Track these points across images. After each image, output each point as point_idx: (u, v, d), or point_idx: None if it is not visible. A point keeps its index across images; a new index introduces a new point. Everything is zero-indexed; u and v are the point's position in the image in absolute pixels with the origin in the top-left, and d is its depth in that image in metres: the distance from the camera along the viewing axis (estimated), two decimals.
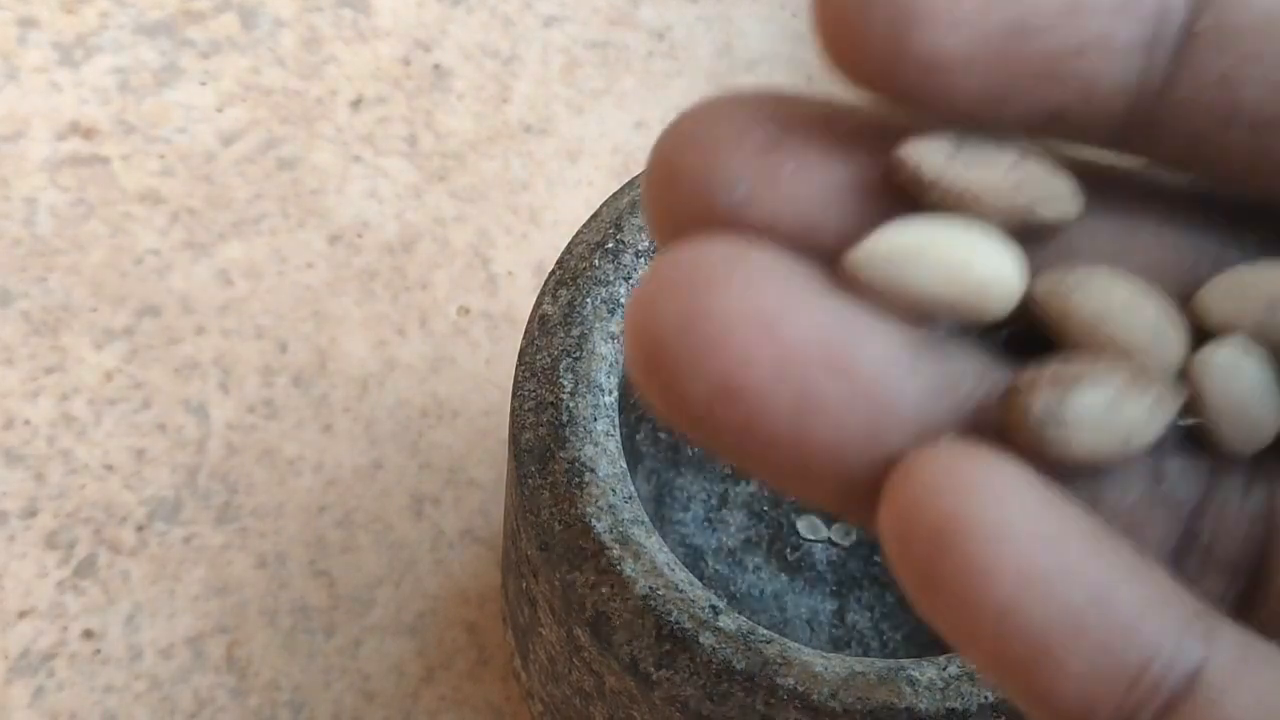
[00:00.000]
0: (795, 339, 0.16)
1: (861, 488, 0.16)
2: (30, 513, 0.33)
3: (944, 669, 0.23)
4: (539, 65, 0.38)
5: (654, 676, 0.22)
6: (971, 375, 0.16)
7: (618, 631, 0.23)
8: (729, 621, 0.23)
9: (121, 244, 0.35)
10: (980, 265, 0.16)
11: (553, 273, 0.25)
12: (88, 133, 0.36)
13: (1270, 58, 0.16)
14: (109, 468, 0.33)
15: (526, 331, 0.25)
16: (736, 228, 0.17)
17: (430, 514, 0.34)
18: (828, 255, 0.17)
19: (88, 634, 0.32)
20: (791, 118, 0.17)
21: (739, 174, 0.16)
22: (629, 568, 0.23)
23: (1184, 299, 0.17)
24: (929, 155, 0.16)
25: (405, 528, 0.34)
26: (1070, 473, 0.16)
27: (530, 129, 0.38)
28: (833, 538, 0.30)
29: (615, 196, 0.26)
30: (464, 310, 0.36)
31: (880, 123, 0.17)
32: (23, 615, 0.32)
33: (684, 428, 0.16)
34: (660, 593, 0.23)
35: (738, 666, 0.22)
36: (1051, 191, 0.16)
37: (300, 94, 0.37)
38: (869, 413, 0.16)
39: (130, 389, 0.34)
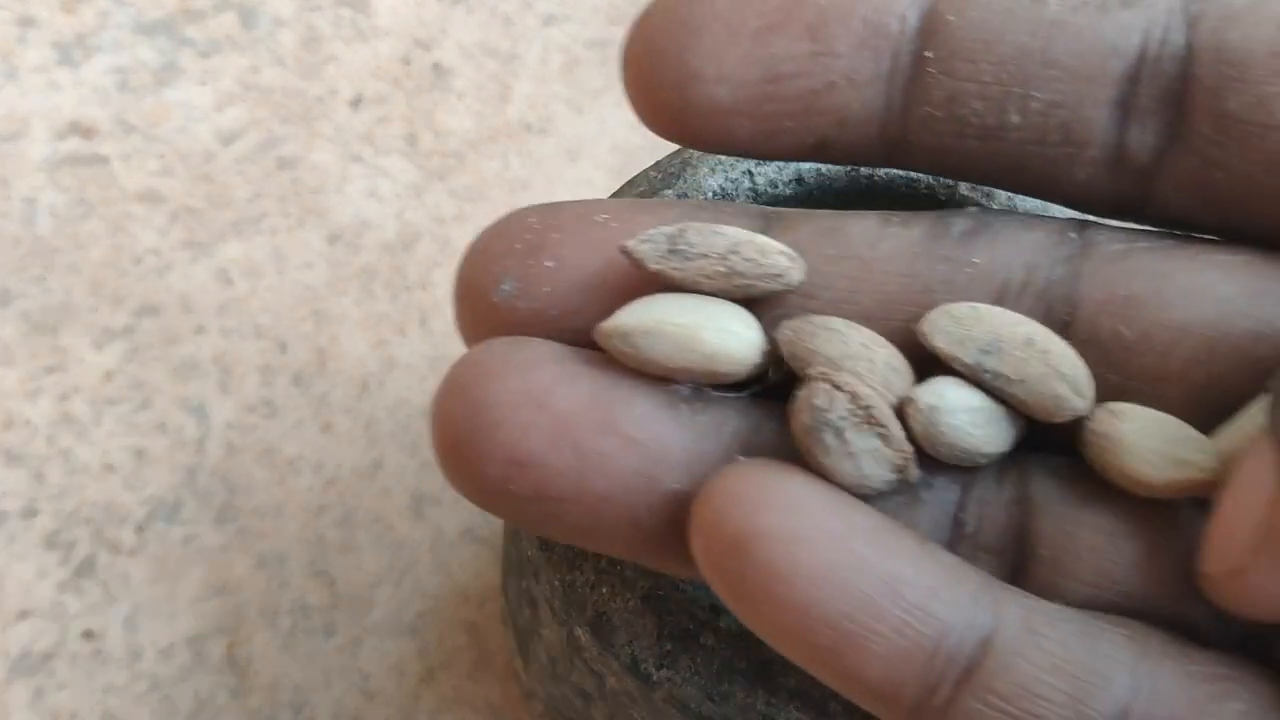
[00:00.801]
0: (566, 408, 0.18)
1: (652, 532, 0.18)
2: (30, 513, 0.33)
3: None
4: (539, 64, 0.38)
5: (654, 676, 0.22)
6: (734, 416, 0.19)
7: (618, 631, 0.23)
8: (730, 621, 0.23)
9: (121, 243, 0.35)
10: (706, 338, 0.18)
11: None
12: (87, 132, 0.36)
13: (987, 74, 0.19)
14: (108, 468, 0.33)
15: None
16: (516, 325, 0.19)
17: (430, 514, 0.34)
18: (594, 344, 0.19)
19: (88, 634, 0.32)
20: (554, 221, 0.19)
21: (507, 274, 0.19)
22: (629, 567, 0.23)
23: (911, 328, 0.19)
24: (651, 250, 0.19)
25: (405, 527, 0.34)
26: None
27: (530, 128, 0.38)
28: None
29: (615, 196, 0.26)
30: None
31: (626, 209, 0.20)
32: (22, 615, 0.32)
33: (487, 504, 0.19)
34: (661, 592, 0.23)
35: (738, 666, 0.22)
36: (767, 270, 0.19)
37: (300, 93, 0.37)
38: (640, 460, 0.18)
39: (130, 389, 0.34)
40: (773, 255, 0.19)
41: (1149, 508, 0.19)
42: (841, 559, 0.17)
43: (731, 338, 0.19)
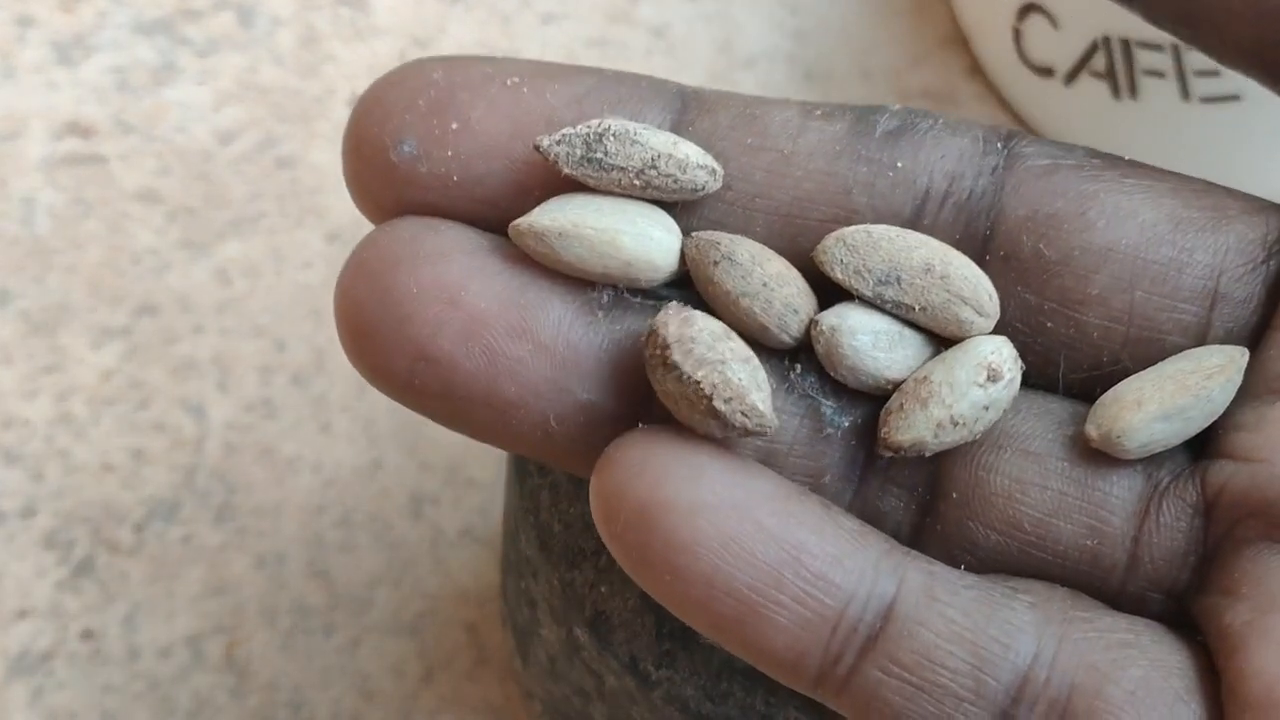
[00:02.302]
0: (479, 307, 0.17)
1: (563, 439, 0.18)
2: (28, 512, 0.33)
3: None
4: None
5: (653, 676, 0.22)
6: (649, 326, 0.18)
7: (617, 631, 0.23)
8: None
9: (119, 243, 0.35)
10: (624, 243, 0.18)
11: None
12: (85, 132, 0.36)
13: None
14: (107, 467, 0.33)
15: None
16: (415, 189, 0.18)
17: (429, 514, 0.34)
18: (496, 202, 0.18)
19: (86, 634, 0.32)
20: (461, 79, 0.18)
21: (408, 134, 0.18)
22: None
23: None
24: (566, 153, 0.18)
25: (404, 527, 0.33)
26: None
27: None
28: None
29: None
30: None
31: (539, 73, 0.19)
32: (21, 615, 0.32)
33: (393, 395, 0.18)
34: None
35: (737, 665, 0.22)
36: (685, 185, 0.18)
37: (298, 92, 0.37)
38: (552, 368, 0.18)
39: (128, 388, 0.34)
40: (692, 170, 0.18)
41: (1065, 462, 0.18)
42: (744, 529, 0.17)
43: (651, 243, 0.18)
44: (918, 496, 0.19)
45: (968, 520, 0.18)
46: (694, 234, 0.18)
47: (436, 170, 0.18)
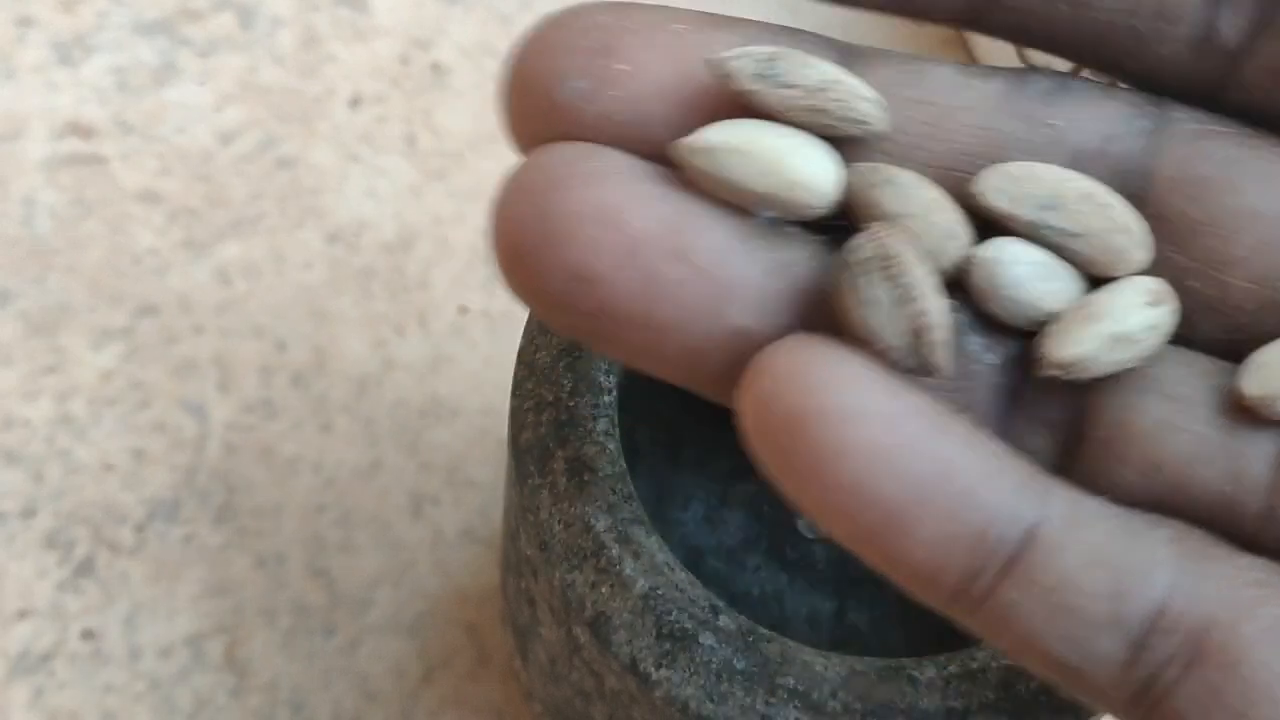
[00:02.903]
0: (638, 229, 0.17)
1: (711, 363, 0.18)
2: (29, 513, 0.33)
3: (944, 668, 0.23)
4: None
5: (654, 676, 0.22)
6: (804, 259, 0.18)
7: (617, 631, 0.23)
8: (729, 621, 0.23)
9: (119, 243, 0.35)
10: (793, 163, 0.18)
11: None
12: (85, 132, 0.36)
13: None
14: (108, 468, 0.33)
15: (525, 331, 0.25)
16: (579, 127, 0.18)
17: (429, 514, 0.34)
18: (661, 144, 0.18)
19: (87, 634, 0.32)
20: (628, 23, 0.18)
21: (576, 74, 0.18)
22: (629, 567, 0.23)
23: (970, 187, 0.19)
24: (739, 68, 0.18)
25: (404, 527, 0.34)
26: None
27: None
28: None
29: None
30: (463, 309, 0.36)
31: (705, 22, 0.19)
32: (22, 615, 0.32)
33: (544, 315, 0.18)
34: (660, 592, 0.23)
35: (738, 666, 0.22)
36: (851, 114, 0.18)
37: (298, 93, 0.37)
38: (710, 293, 0.18)
39: (129, 389, 0.34)
40: (861, 100, 0.18)
41: (1209, 409, 0.19)
42: (895, 440, 0.17)
43: (818, 167, 0.18)
44: (1061, 436, 0.19)
45: (1110, 461, 0.19)
46: (855, 163, 0.19)
47: (602, 110, 0.18)
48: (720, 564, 0.30)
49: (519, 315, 0.35)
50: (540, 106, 0.18)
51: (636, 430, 0.30)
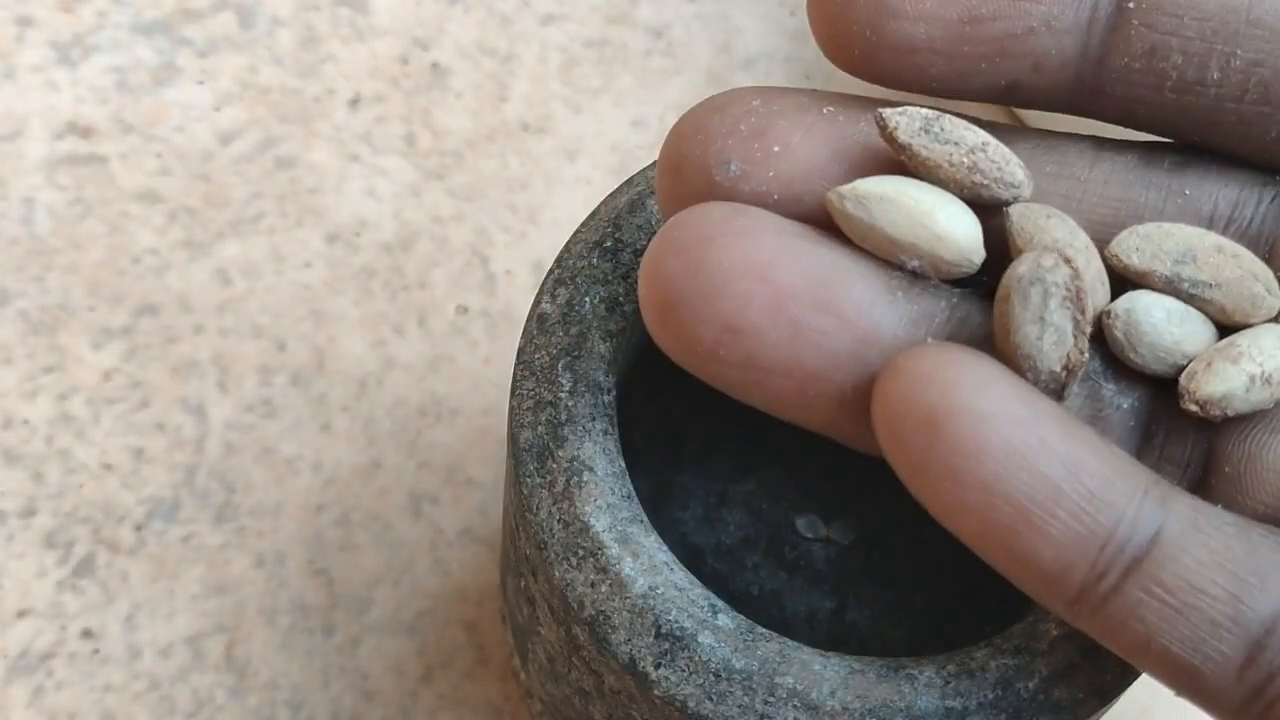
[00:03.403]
0: (787, 283, 0.18)
1: (851, 410, 0.19)
2: (29, 512, 0.33)
3: (943, 667, 0.23)
4: (537, 64, 0.38)
5: (653, 676, 0.22)
6: (944, 309, 0.19)
7: (616, 630, 0.23)
8: (728, 620, 0.23)
9: (119, 243, 0.35)
10: (942, 217, 0.19)
11: (551, 271, 0.25)
12: (85, 132, 0.36)
13: (1190, 29, 0.19)
14: (107, 467, 0.33)
15: (525, 330, 0.25)
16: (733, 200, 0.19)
17: (429, 513, 0.34)
18: (812, 220, 0.19)
19: (86, 633, 0.32)
20: (779, 106, 0.20)
21: (730, 153, 0.19)
22: (628, 566, 0.23)
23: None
24: (905, 123, 0.19)
25: (404, 527, 0.34)
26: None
27: (528, 127, 0.38)
28: (831, 536, 0.30)
29: (613, 195, 0.26)
30: (462, 309, 0.36)
31: (851, 104, 0.20)
32: (21, 615, 0.32)
33: (694, 367, 0.19)
34: (659, 591, 0.23)
35: (737, 665, 0.22)
36: (1005, 177, 0.19)
37: (298, 93, 0.37)
38: (853, 341, 0.19)
39: (128, 388, 0.34)
40: (1013, 165, 0.19)
41: None
42: (1027, 441, 0.17)
43: (963, 224, 0.19)
44: (1190, 473, 0.20)
45: (1237, 495, 0.19)
46: (1013, 206, 0.19)
47: (758, 189, 0.19)
48: (719, 563, 0.30)
49: (518, 315, 0.35)
50: (697, 186, 0.19)
51: (635, 430, 0.30)
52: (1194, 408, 0.19)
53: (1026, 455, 0.17)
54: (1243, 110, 0.20)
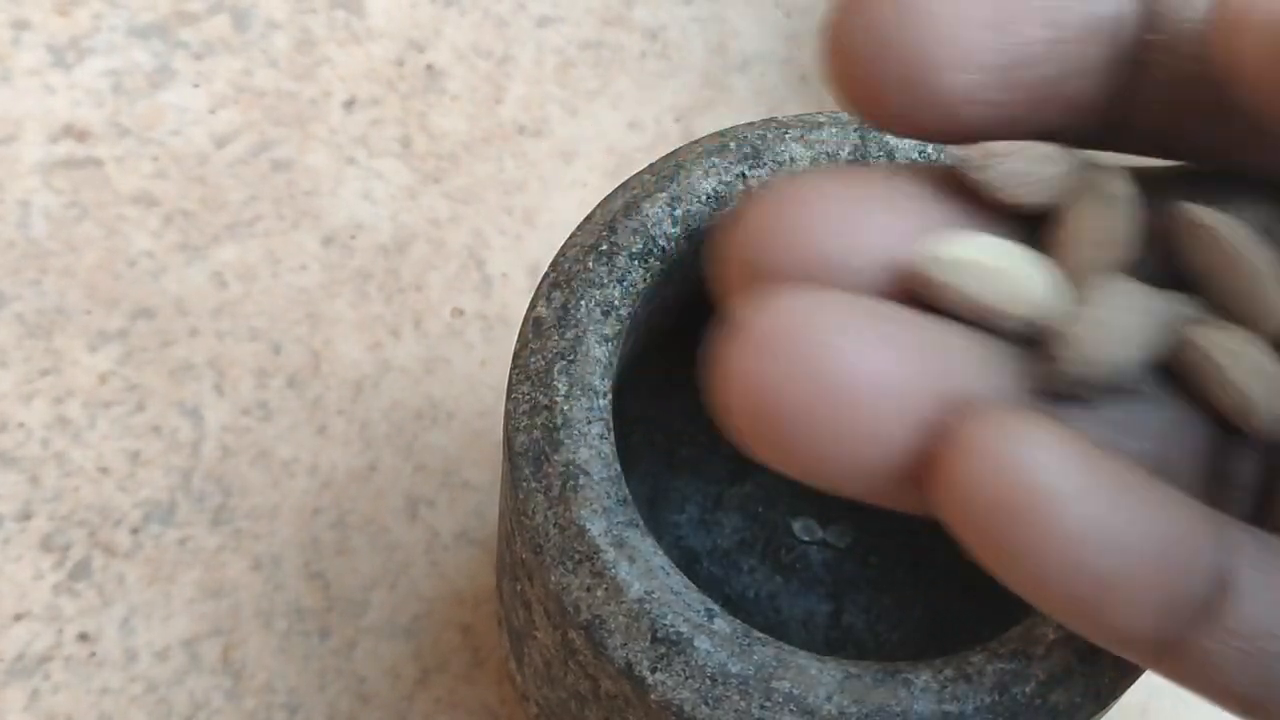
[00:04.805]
0: (898, 380, 0.17)
1: (900, 479, 0.18)
2: (25, 516, 0.33)
3: (940, 672, 0.23)
4: (533, 66, 0.38)
5: (649, 680, 0.22)
6: (1035, 370, 0.18)
7: (612, 635, 0.23)
8: (724, 624, 0.23)
9: (115, 246, 0.35)
10: (1032, 284, 0.18)
11: (547, 275, 0.25)
12: (81, 135, 0.36)
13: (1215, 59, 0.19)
14: (103, 470, 0.33)
15: (520, 334, 0.25)
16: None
17: (425, 516, 0.34)
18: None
19: (83, 637, 0.32)
20: (860, 192, 0.19)
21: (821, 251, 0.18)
22: (624, 570, 0.23)
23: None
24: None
25: (400, 530, 0.34)
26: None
27: (524, 130, 0.38)
28: (828, 539, 0.30)
29: (609, 199, 0.26)
30: (458, 312, 0.36)
31: (927, 178, 0.19)
32: (18, 618, 0.32)
33: (798, 474, 0.18)
34: (655, 595, 0.23)
35: (733, 669, 0.22)
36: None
37: (293, 95, 0.37)
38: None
39: (124, 391, 0.34)
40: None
41: None
42: (1102, 513, 0.17)
43: (1054, 287, 0.19)
44: (1254, 498, 0.20)
45: None
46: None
47: (823, 279, 0.19)
48: (715, 567, 0.30)
49: (514, 318, 0.35)
50: (759, 277, 0.19)
51: (631, 434, 0.30)
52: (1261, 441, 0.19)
53: (1102, 529, 0.17)
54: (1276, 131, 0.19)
